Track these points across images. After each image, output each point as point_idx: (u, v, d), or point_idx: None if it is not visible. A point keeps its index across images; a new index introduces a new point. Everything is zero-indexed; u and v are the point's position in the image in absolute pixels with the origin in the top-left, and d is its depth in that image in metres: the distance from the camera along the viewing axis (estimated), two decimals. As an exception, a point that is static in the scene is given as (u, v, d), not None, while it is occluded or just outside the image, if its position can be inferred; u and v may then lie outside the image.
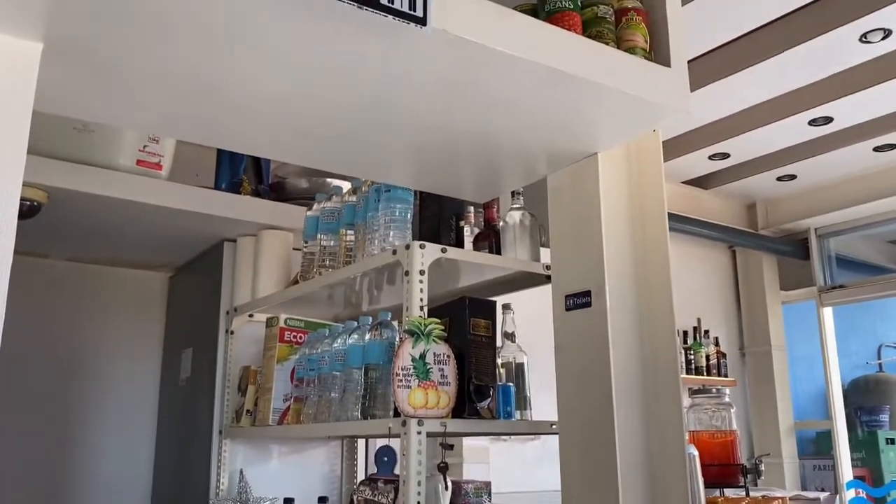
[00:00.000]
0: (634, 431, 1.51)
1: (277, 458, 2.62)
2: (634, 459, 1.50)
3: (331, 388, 1.99)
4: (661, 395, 1.55)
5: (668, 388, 1.56)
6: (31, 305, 2.91)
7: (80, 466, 2.91)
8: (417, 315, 1.69)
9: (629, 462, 1.49)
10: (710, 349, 4.80)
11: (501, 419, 1.82)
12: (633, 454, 1.50)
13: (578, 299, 1.60)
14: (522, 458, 4.09)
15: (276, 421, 2.24)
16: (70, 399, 2.95)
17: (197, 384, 2.73)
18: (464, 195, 1.95)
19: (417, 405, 1.62)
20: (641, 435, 1.53)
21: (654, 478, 1.52)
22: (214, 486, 2.46)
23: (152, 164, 2.36)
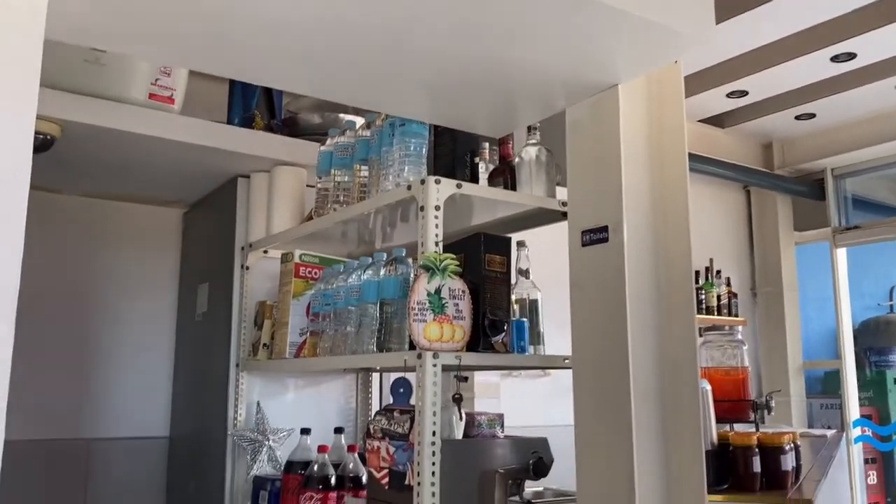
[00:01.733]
0: (648, 366, 1.53)
1: (294, 390, 2.67)
2: (648, 394, 1.52)
3: (346, 322, 2.01)
4: (675, 331, 1.56)
5: (683, 324, 1.56)
6: (47, 241, 2.94)
7: (100, 398, 2.98)
8: (432, 251, 1.69)
9: (643, 396, 1.50)
10: (721, 289, 4.81)
11: (515, 353, 1.84)
12: (646, 389, 1.52)
13: (595, 235, 1.59)
14: (533, 394, 4.15)
15: (292, 354, 2.27)
16: (88, 334, 3.00)
17: (213, 319, 2.77)
18: (479, 129, 1.93)
19: (432, 338, 1.64)
20: (655, 370, 1.54)
21: (667, 412, 1.53)
22: (232, 419, 2.52)
23: (164, 98, 2.33)
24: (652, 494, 1.43)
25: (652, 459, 1.47)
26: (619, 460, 1.45)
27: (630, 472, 1.42)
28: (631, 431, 1.45)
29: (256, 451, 2.49)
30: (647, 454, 1.47)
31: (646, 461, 1.45)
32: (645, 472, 1.43)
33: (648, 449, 1.47)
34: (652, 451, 1.48)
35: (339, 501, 2.07)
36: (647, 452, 1.46)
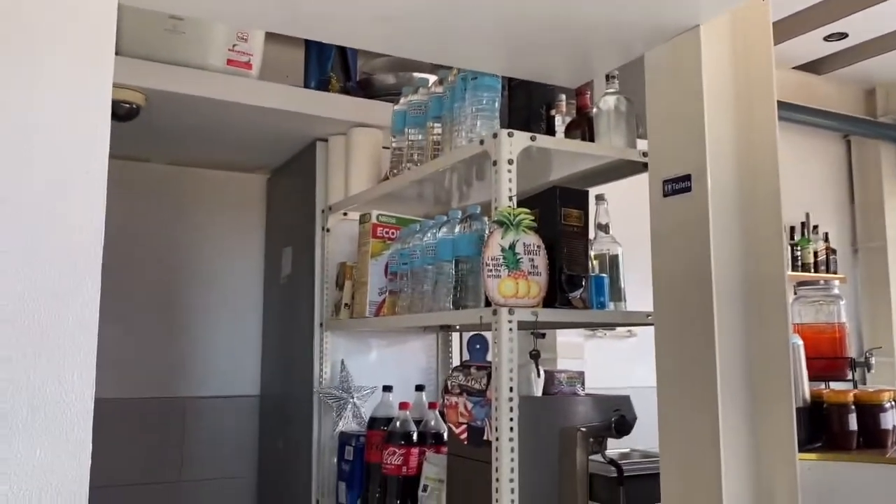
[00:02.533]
0: (735, 320, 1.46)
1: (377, 349, 2.71)
2: (734, 350, 1.45)
3: (423, 280, 2.01)
4: (764, 282, 1.48)
5: (772, 276, 1.48)
6: (138, 208, 3.07)
7: (194, 359, 3.11)
8: (506, 205, 1.66)
9: (728, 352, 1.44)
10: (818, 245, 4.57)
11: (595, 309, 1.80)
12: (732, 344, 1.45)
13: (677, 184, 1.52)
14: (618, 354, 4.08)
15: (372, 313, 2.30)
16: (181, 297, 3.12)
17: (297, 281, 2.83)
18: (555, 80, 1.87)
19: (507, 294, 1.62)
20: (742, 324, 1.47)
21: (754, 368, 1.47)
22: (318, 376, 2.58)
23: (242, 64, 2.37)
24: (738, 452, 1.38)
25: (738, 417, 1.41)
26: (703, 418, 1.40)
27: (715, 429, 1.37)
28: (716, 388, 1.39)
29: (341, 408, 2.55)
30: (733, 411, 1.41)
31: (731, 418, 1.39)
32: (730, 430, 1.38)
33: (734, 406, 1.41)
34: (738, 409, 1.42)
35: (421, 456, 2.10)
36: (732, 410, 1.41)
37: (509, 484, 1.57)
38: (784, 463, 1.40)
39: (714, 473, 1.34)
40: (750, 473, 1.38)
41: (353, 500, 2.34)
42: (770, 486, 1.39)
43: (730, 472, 1.34)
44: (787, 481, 1.38)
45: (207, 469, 3.08)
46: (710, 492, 1.33)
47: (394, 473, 2.13)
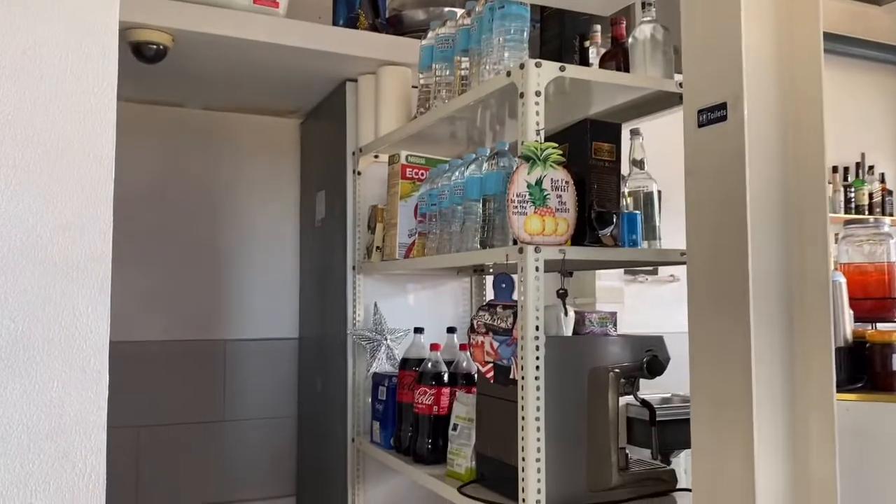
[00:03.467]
0: (771, 255, 1.39)
1: (410, 293, 2.70)
2: (769, 287, 1.39)
3: (451, 221, 1.98)
4: (804, 215, 1.40)
5: (813, 207, 1.40)
6: (174, 154, 3.08)
7: (234, 302, 3.16)
8: (533, 139, 1.60)
9: (763, 290, 1.37)
10: (873, 186, 4.38)
11: (626, 248, 1.74)
12: (767, 282, 1.38)
13: (712, 113, 1.44)
14: (658, 300, 4.02)
15: (402, 255, 2.28)
16: (219, 242, 3.16)
17: (330, 224, 2.83)
18: (588, 7, 1.79)
19: (534, 232, 1.57)
20: (779, 261, 1.40)
21: (792, 304, 1.40)
22: (351, 318, 2.59)
23: (269, 2, 2.32)
24: (773, 391, 1.33)
25: (773, 356, 1.35)
26: (735, 355, 1.35)
27: (747, 366, 1.32)
28: (748, 325, 1.33)
29: (375, 350, 2.56)
30: (768, 349, 1.35)
31: (765, 358, 1.34)
32: (764, 368, 1.32)
33: (770, 343, 1.35)
34: (773, 346, 1.36)
35: (451, 397, 2.10)
36: (768, 347, 1.35)
37: (535, 422, 1.55)
38: (821, 402, 1.34)
39: (746, 412, 1.30)
40: (784, 412, 1.33)
41: (386, 438, 2.36)
42: (806, 426, 1.34)
43: (762, 411, 1.29)
44: (824, 421, 1.33)
45: (250, 409, 3.15)
46: (742, 431, 1.29)
47: (425, 413, 2.14)
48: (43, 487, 1.02)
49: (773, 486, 1.30)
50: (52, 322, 1.05)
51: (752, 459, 1.28)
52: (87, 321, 1.06)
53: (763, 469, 1.29)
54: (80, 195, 1.08)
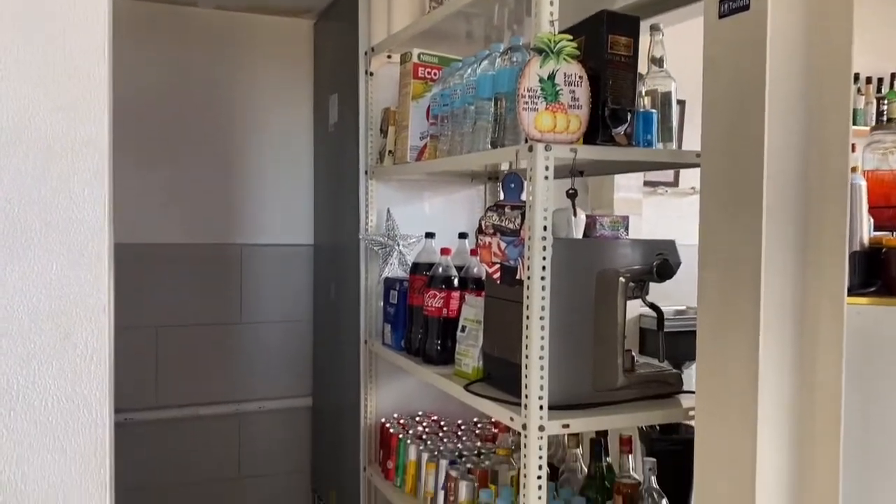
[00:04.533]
0: (789, 153, 1.34)
1: (423, 200, 2.68)
2: (786, 183, 1.34)
3: (463, 122, 1.93)
4: (826, 112, 1.34)
5: (836, 105, 1.34)
6: (187, 55, 3.03)
7: (249, 207, 3.17)
8: (546, 31, 1.53)
9: (778, 190, 1.33)
10: (908, 98, 4.21)
11: (640, 147, 1.69)
12: (784, 178, 1.34)
13: (734, 2, 1.37)
14: (678, 212, 3.96)
15: (413, 158, 2.25)
16: (233, 145, 3.14)
17: (343, 128, 2.79)
18: None
19: (544, 129, 1.53)
20: (796, 159, 1.36)
21: (809, 205, 1.36)
22: (364, 224, 2.59)
23: None
24: (783, 289, 1.30)
25: (785, 253, 1.32)
26: (746, 251, 1.32)
27: (757, 266, 1.29)
28: (761, 222, 1.30)
29: (387, 255, 2.57)
30: (780, 248, 1.32)
31: (777, 253, 1.31)
32: (775, 265, 1.29)
33: (782, 242, 1.32)
34: (786, 245, 1.32)
35: (461, 300, 2.10)
36: (779, 246, 1.32)
37: (539, 321, 1.55)
38: (832, 304, 1.32)
39: (753, 312, 1.28)
40: (794, 312, 1.31)
41: (397, 340, 2.39)
42: (814, 327, 1.32)
43: (770, 309, 1.27)
44: (834, 323, 1.31)
45: (266, 312, 3.20)
46: (748, 326, 1.28)
47: (434, 315, 2.15)
48: (46, 367, 1.04)
49: (777, 388, 1.29)
50: (49, 205, 1.04)
51: (757, 361, 1.27)
52: (83, 205, 1.06)
53: (767, 371, 1.28)
54: (74, 78, 1.05)
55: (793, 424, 1.29)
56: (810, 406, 1.30)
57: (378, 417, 2.59)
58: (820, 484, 1.28)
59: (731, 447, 1.32)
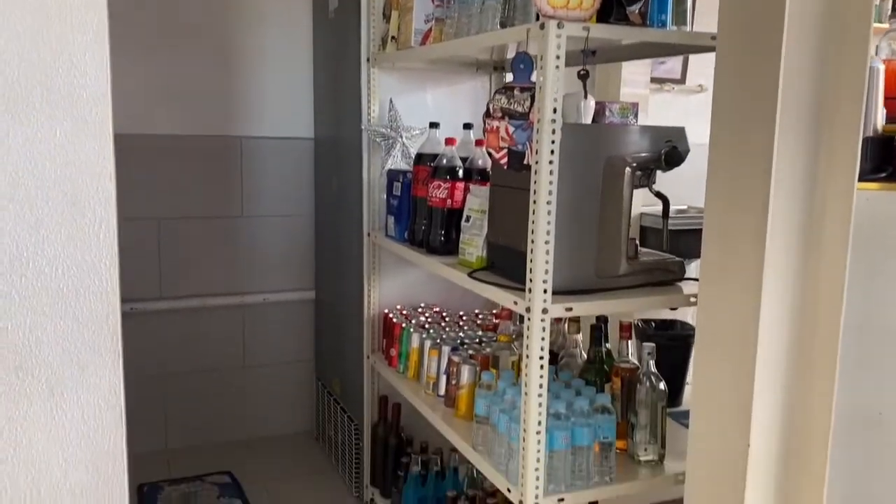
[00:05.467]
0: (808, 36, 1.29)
1: (426, 90, 2.63)
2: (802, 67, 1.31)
3: (470, 2, 1.86)
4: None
5: None
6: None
7: (248, 99, 3.10)
8: None
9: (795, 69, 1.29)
10: (928, -6, 4.07)
11: (654, 28, 1.64)
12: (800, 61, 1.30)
13: None
14: (684, 110, 3.90)
15: (417, 42, 2.18)
16: (231, 34, 3.04)
17: (344, 14, 2.70)
18: None
19: (557, 5, 1.47)
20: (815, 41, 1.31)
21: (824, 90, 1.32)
22: (366, 114, 2.54)
23: None
24: (794, 173, 1.29)
25: (798, 138, 1.30)
26: (758, 138, 1.30)
27: (769, 145, 1.27)
28: (776, 104, 1.27)
29: (390, 147, 2.53)
30: (793, 133, 1.29)
31: (790, 138, 1.29)
32: (787, 149, 1.27)
33: (795, 127, 1.30)
34: (799, 130, 1.30)
35: (465, 191, 2.09)
36: (793, 131, 1.29)
37: (546, 206, 1.54)
38: (842, 188, 1.31)
39: (764, 186, 1.26)
40: (804, 193, 1.30)
41: (400, 232, 2.39)
42: (822, 212, 1.32)
43: (781, 189, 1.26)
44: (842, 208, 1.30)
45: (268, 206, 3.19)
46: (758, 205, 1.27)
47: (439, 206, 2.14)
48: (55, 234, 1.03)
49: (783, 268, 1.30)
50: (50, 69, 1.01)
51: (764, 240, 1.27)
52: (84, 69, 1.02)
53: (774, 251, 1.28)
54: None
55: (796, 303, 1.31)
56: (814, 286, 1.31)
57: (381, 309, 2.62)
58: (819, 362, 1.30)
59: (733, 327, 1.33)
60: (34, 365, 1.04)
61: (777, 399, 1.32)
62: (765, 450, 1.32)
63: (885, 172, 1.45)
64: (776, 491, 1.34)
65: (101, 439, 1.09)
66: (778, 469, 1.35)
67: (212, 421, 3.21)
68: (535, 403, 1.58)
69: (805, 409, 1.34)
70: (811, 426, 1.33)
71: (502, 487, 1.71)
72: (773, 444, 1.33)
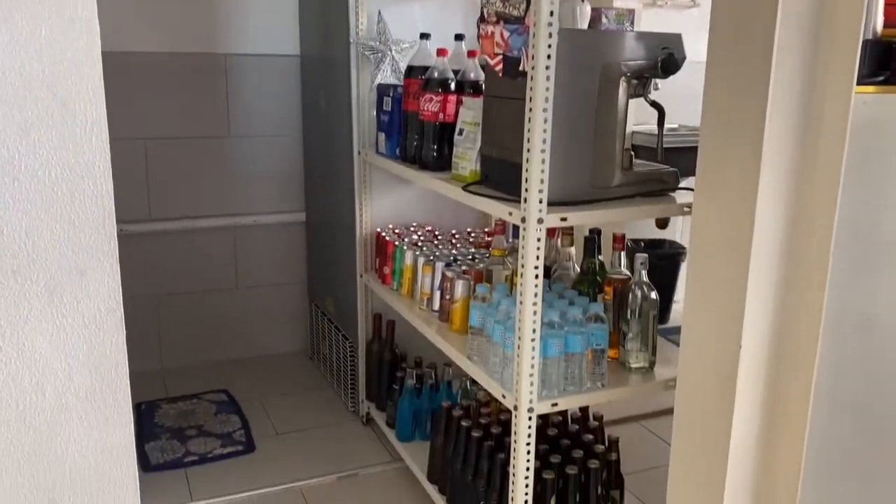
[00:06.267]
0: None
1: (416, 1, 2.56)
2: None
3: None
4: None
5: None
6: None
7: (231, 15, 3.01)
8: None
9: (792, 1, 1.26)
10: None
11: (653, -72, 1.59)
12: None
13: None
14: (677, 26, 3.81)
15: (407, -50, 2.11)
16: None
17: (330, -77, 2.60)
18: None
19: None
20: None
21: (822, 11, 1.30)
22: (354, 27, 2.48)
23: None
24: (791, 74, 1.27)
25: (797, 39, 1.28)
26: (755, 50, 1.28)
27: (769, 47, 1.25)
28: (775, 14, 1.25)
29: (379, 61, 2.48)
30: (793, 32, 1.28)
31: (789, 40, 1.27)
32: (786, 47, 1.26)
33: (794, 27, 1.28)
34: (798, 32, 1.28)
35: (458, 104, 2.06)
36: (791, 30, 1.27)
37: (542, 114, 1.52)
38: (840, 91, 1.30)
39: (762, 87, 1.25)
40: (802, 95, 1.29)
41: (391, 148, 2.37)
42: (820, 115, 1.31)
43: (779, 91, 1.25)
44: (839, 112, 1.30)
45: (255, 126, 3.15)
46: (756, 108, 1.26)
47: (430, 120, 2.11)
48: (46, 136, 1.01)
49: (779, 171, 1.30)
50: (30, -39, 0.97)
51: (762, 142, 1.27)
52: (67, -38, 0.99)
53: (771, 153, 1.27)
54: None
55: (791, 208, 1.31)
56: (809, 191, 1.31)
57: (373, 228, 2.62)
58: (812, 266, 1.32)
59: (728, 232, 1.34)
60: (32, 269, 1.04)
61: (769, 303, 1.34)
62: (756, 352, 1.35)
63: (882, 76, 1.44)
64: (765, 391, 1.38)
65: (102, 344, 1.10)
66: (767, 372, 1.38)
67: (206, 341, 3.25)
68: (530, 311, 1.60)
69: (796, 313, 1.36)
70: (801, 330, 1.36)
71: (497, 394, 1.75)
72: (764, 347, 1.36)
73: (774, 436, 1.38)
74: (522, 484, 1.70)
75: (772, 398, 1.38)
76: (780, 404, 1.38)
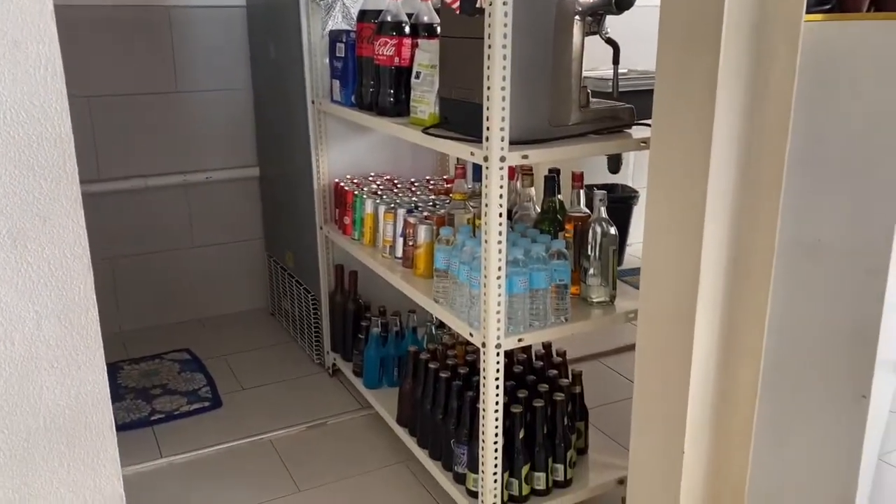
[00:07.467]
0: None
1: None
2: None
3: None
4: None
5: None
6: None
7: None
8: None
9: None
10: None
11: None
12: None
13: None
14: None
15: None
16: None
17: None
18: None
19: None
20: None
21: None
22: (303, -26, 2.42)
23: None
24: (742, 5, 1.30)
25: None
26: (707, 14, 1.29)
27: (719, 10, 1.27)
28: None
29: (329, 7, 2.44)
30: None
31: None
32: None
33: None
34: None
35: (413, 48, 2.05)
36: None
37: (501, 51, 1.52)
38: (790, 20, 1.33)
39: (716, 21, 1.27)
40: (752, 26, 1.31)
41: (347, 96, 2.34)
42: (772, 43, 1.34)
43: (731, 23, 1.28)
44: (789, 37, 1.33)
45: (202, 80, 3.07)
46: (709, 41, 1.28)
47: (386, 64, 2.10)
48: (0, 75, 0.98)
49: (734, 101, 1.33)
50: None
51: (716, 74, 1.29)
52: None
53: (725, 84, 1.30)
54: None
55: (744, 135, 1.35)
56: (761, 118, 1.35)
57: (331, 179, 2.60)
58: (765, 191, 1.36)
59: (684, 162, 1.37)
60: (-8, 218, 1.02)
61: (725, 228, 1.39)
62: (713, 276, 1.40)
63: (829, 4, 1.48)
64: (722, 313, 1.43)
65: (69, 290, 1.09)
66: (724, 294, 1.43)
67: (165, 303, 3.21)
68: (496, 250, 1.63)
69: (751, 237, 1.41)
70: (756, 253, 1.41)
71: (464, 333, 1.78)
72: (721, 270, 1.41)
73: (733, 355, 1.44)
74: (493, 418, 1.75)
75: (729, 319, 1.44)
76: (738, 323, 1.44)
